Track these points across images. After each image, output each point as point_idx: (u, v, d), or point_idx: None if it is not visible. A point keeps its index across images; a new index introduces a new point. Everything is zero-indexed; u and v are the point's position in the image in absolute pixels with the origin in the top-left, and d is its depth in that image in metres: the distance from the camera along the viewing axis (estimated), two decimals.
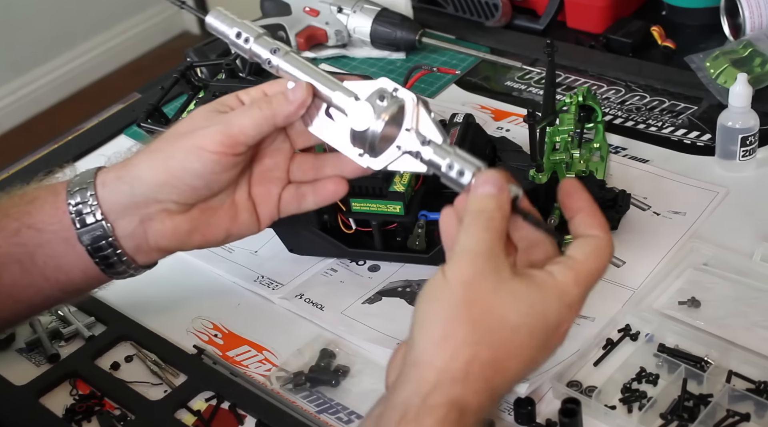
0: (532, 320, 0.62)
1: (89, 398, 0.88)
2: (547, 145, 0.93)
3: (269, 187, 0.81)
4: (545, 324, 0.63)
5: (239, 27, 0.80)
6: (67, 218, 0.77)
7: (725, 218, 0.98)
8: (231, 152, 0.75)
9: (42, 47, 3.21)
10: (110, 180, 0.78)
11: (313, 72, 0.76)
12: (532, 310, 0.62)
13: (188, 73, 1.07)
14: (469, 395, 0.60)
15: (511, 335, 0.62)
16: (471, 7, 1.37)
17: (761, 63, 1.14)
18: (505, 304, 0.62)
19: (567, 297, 0.63)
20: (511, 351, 0.62)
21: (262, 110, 0.75)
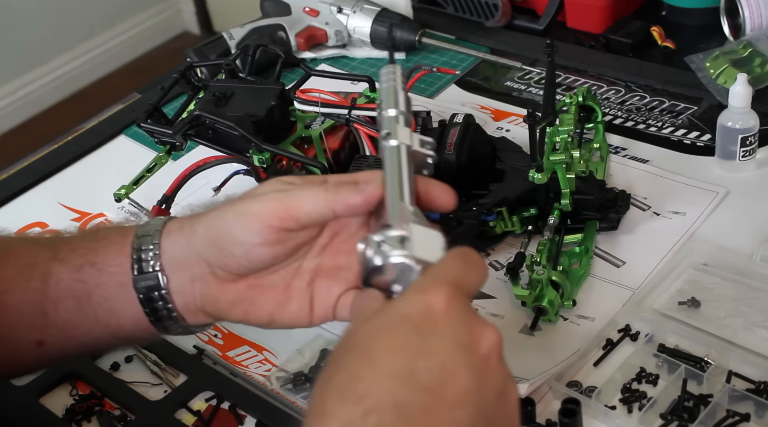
0: (376, 325, 0.57)
1: (89, 399, 0.88)
2: (547, 146, 0.93)
3: (331, 286, 0.73)
4: (396, 315, 0.57)
5: (384, 93, 0.72)
6: (128, 261, 0.73)
7: (725, 218, 0.98)
8: (277, 225, 0.68)
9: (42, 47, 3.21)
10: (174, 230, 0.73)
11: (395, 175, 0.67)
12: (374, 321, 0.57)
13: (188, 74, 1.07)
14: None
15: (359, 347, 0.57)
16: (471, 7, 1.37)
17: (761, 63, 1.14)
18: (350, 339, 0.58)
19: (411, 288, 0.58)
20: (365, 355, 0.56)
21: (326, 192, 0.69)
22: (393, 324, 0.56)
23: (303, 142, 1.00)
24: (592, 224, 0.96)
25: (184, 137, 0.98)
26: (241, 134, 0.95)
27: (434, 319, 0.56)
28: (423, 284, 0.58)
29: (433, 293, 0.57)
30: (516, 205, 0.95)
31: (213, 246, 0.71)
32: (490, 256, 0.97)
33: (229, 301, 0.73)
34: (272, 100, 0.98)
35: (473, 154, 0.96)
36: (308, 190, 0.69)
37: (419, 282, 0.59)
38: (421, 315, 0.56)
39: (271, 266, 0.71)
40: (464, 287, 0.59)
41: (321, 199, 0.68)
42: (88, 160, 1.23)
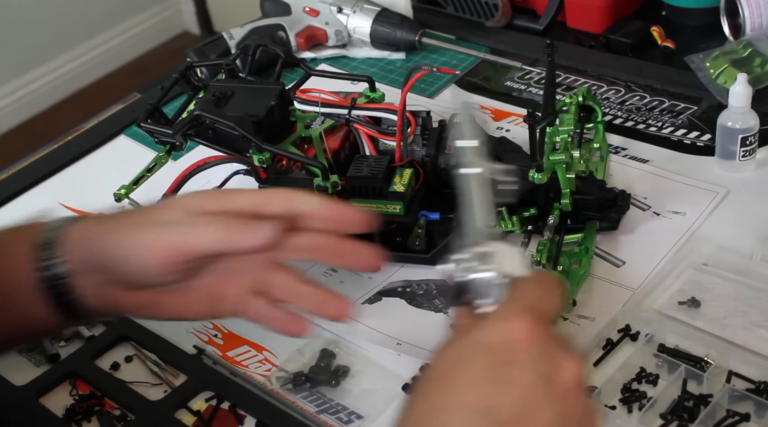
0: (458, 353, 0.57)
1: (89, 398, 0.88)
2: (547, 145, 0.93)
3: (230, 288, 0.75)
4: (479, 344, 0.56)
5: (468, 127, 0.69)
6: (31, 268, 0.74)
7: (725, 218, 0.98)
8: (173, 261, 0.71)
9: (42, 47, 3.21)
10: (78, 239, 0.74)
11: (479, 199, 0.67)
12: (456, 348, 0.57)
13: (188, 73, 1.07)
14: None
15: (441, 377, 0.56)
16: (471, 7, 1.37)
17: (761, 63, 1.14)
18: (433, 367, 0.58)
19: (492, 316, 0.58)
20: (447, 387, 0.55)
21: (226, 232, 0.71)
22: (474, 354, 0.56)
23: (303, 142, 1.00)
24: (592, 224, 0.96)
25: (184, 137, 0.98)
26: (241, 134, 0.95)
27: (515, 349, 0.55)
28: (504, 312, 0.58)
29: (514, 321, 0.56)
30: (516, 206, 0.95)
31: (112, 269, 0.72)
32: None
33: (136, 305, 0.75)
34: (272, 100, 0.98)
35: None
36: (208, 228, 0.71)
37: (500, 310, 0.59)
38: (503, 345, 0.55)
39: (172, 284, 0.73)
40: (544, 313, 0.58)
41: (220, 238, 0.70)
42: (88, 160, 1.23)
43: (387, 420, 0.82)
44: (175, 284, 0.73)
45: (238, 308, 0.75)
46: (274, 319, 0.75)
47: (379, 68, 1.32)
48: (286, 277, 0.74)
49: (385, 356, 0.88)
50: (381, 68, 1.32)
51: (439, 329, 0.90)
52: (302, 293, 0.74)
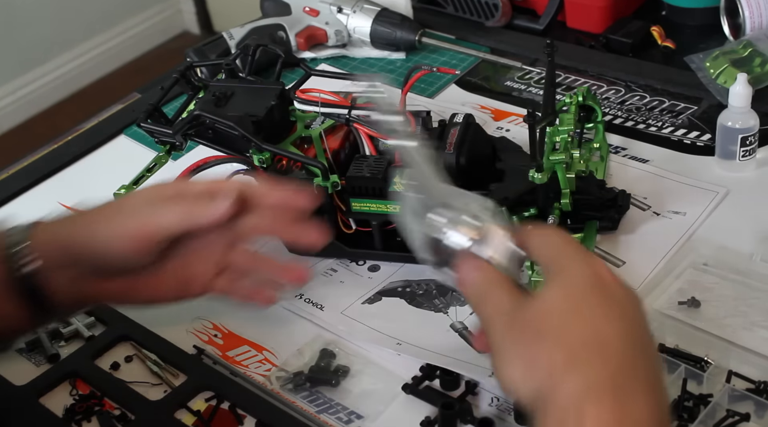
0: (566, 293, 0.62)
1: (89, 398, 0.88)
2: (547, 145, 0.93)
3: (197, 269, 0.82)
4: (580, 286, 0.62)
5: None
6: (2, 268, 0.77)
7: (725, 218, 0.98)
8: (146, 245, 0.78)
9: (42, 47, 3.21)
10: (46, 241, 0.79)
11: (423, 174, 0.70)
12: (558, 290, 0.63)
13: (188, 73, 1.07)
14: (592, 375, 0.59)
15: (568, 311, 0.62)
16: (471, 7, 1.37)
17: (761, 63, 1.14)
18: (540, 308, 0.63)
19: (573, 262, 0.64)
20: (586, 320, 0.61)
21: (188, 208, 0.79)
22: (586, 291, 0.62)
23: (303, 142, 1.00)
24: (592, 223, 0.96)
25: (184, 137, 0.98)
26: (241, 134, 0.95)
27: (611, 286, 0.63)
28: (580, 255, 0.64)
29: (593, 261, 0.64)
30: (516, 205, 0.95)
31: (90, 259, 0.78)
32: None
33: (109, 295, 0.82)
34: (272, 100, 0.98)
35: (473, 154, 0.96)
36: (169, 208, 0.79)
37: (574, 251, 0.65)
38: (601, 282, 0.63)
39: (146, 267, 0.80)
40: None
41: (181, 216, 0.78)
42: (88, 160, 1.23)
43: (387, 420, 0.82)
44: (148, 267, 0.80)
45: (206, 286, 0.83)
46: (240, 290, 0.83)
47: (379, 68, 1.32)
48: (245, 255, 0.83)
49: (385, 356, 0.88)
50: (381, 68, 1.32)
51: (439, 329, 0.90)
52: (262, 264, 0.84)
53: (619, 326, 0.61)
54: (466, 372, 0.84)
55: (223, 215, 0.78)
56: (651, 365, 0.61)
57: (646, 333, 0.63)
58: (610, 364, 0.59)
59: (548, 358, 0.60)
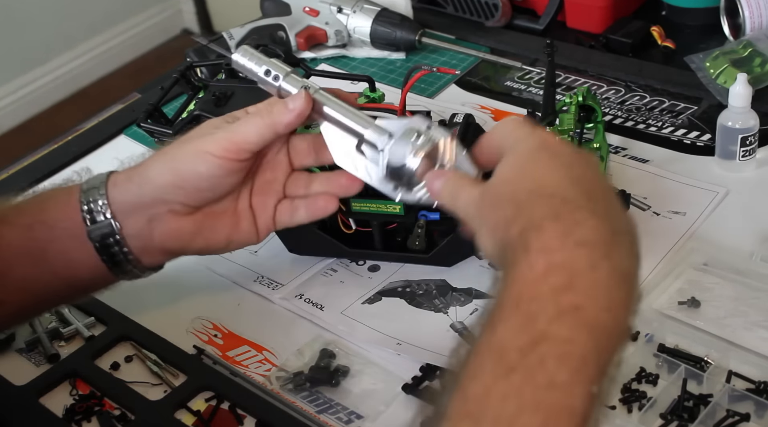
0: (518, 160, 0.67)
1: (89, 398, 0.88)
2: None
3: (267, 199, 0.86)
4: (529, 151, 0.67)
5: (267, 65, 0.82)
6: (78, 215, 0.80)
7: (725, 218, 0.98)
8: (235, 157, 0.80)
9: (42, 47, 3.21)
10: (121, 181, 0.81)
11: (344, 109, 0.81)
12: (511, 159, 0.68)
13: (188, 73, 1.07)
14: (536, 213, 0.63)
15: (519, 175, 0.66)
16: (471, 7, 1.37)
17: (761, 63, 1.14)
18: (497, 180, 0.68)
19: (520, 135, 0.69)
20: (533, 176, 0.65)
21: (263, 119, 0.80)
22: (534, 156, 0.67)
23: None
24: None
25: None
26: None
27: (556, 146, 0.68)
28: (526, 130, 0.69)
29: (540, 132, 0.69)
30: None
31: (174, 186, 0.80)
32: None
33: (191, 232, 0.83)
34: None
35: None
36: (250, 121, 0.81)
37: (520, 131, 0.69)
38: (547, 146, 0.67)
39: (228, 194, 0.83)
40: None
41: (262, 125, 0.80)
42: (88, 160, 1.23)
43: (387, 420, 0.82)
44: (226, 199, 0.83)
45: (273, 218, 0.86)
46: (300, 209, 0.86)
47: (379, 68, 1.32)
48: (300, 174, 0.87)
49: (385, 356, 0.88)
50: (381, 68, 1.32)
51: (439, 329, 0.90)
52: (315, 179, 0.86)
53: (564, 173, 0.65)
54: None
55: (302, 112, 0.80)
56: (601, 199, 0.64)
57: (595, 175, 0.66)
58: (553, 201, 0.62)
59: (503, 216, 0.64)
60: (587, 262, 0.58)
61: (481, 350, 0.57)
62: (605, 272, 0.59)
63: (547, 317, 0.56)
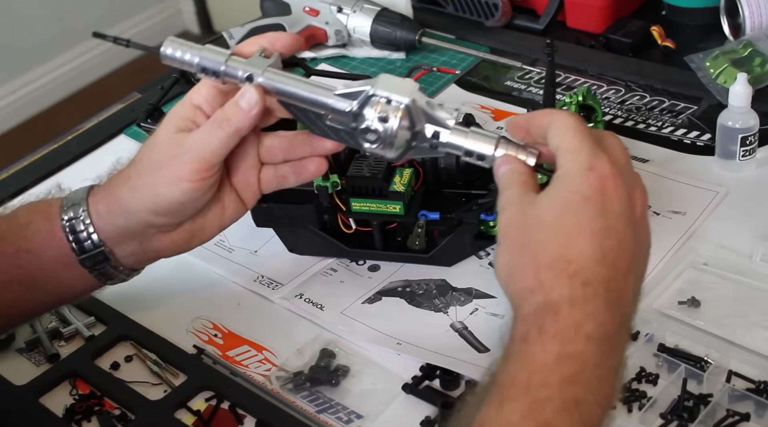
0: (561, 204, 0.64)
1: (89, 398, 0.88)
2: None
3: (246, 175, 0.82)
4: (577, 196, 0.63)
5: (201, 55, 0.77)
6: (65, 244, 0.80)
7: (725, 218, 0.98)
8: (207, 176, 0.78)
9: (42, 47, 3.21)
10: (103, 212, 0.81)
11: (301, 84, 0.76)
12: (556, 199, 0.64)
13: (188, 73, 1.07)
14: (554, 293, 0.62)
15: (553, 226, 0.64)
16: (471, 7, 1.37)
17: (761, 63, 1.14)
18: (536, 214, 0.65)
19: (578, 166, 0.64)
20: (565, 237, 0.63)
21: (224, 129, 0.77)
22: (579, 206, 0.64)
23: None
24: None
25: None
26: None
27: (609, 196, 0.64)
28: (588, 161, 0.64)
29: (599, 168, 0.64)
30: None
31: (158, 216, 0.79)
32: (489, 256, 0.97)
33: (185, 240, 0.83)
34: None
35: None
36: (211, 135, 0.77)
37: (582, 158, 0.64)
38: (599, 194, 0.64)
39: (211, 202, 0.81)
40: (614, 155, 0.66)
41: (225, 137, 0.77)
42: (88, 160, 1.23)
43: (387, 420, 0.82)
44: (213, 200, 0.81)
45: (257, 189, 0.83)
46: (289, 176, 0.83)
47: (379, 68, 1.32)
48: (275, 141, 0.82)
49: (385, 355, 0.88)
50: (381, 68, 1.32)
51: (439, 329, 0.90)
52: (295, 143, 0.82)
53: (596, 245, 0.63)
54: (466, 372, 0.84)
55: (259, 111, 0.76)
56: (621, 278, 0.63)
57: (628, 243, 0.64)
58: (573, 282, 0.62)
59: (523, 273, 0.64)
60: (594, 359, 0.61)
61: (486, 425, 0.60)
62: (605, 370, 0.62)
63: (553, 407, 0.59)
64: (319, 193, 0.94)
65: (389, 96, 0.72)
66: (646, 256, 0.68)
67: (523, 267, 0.64)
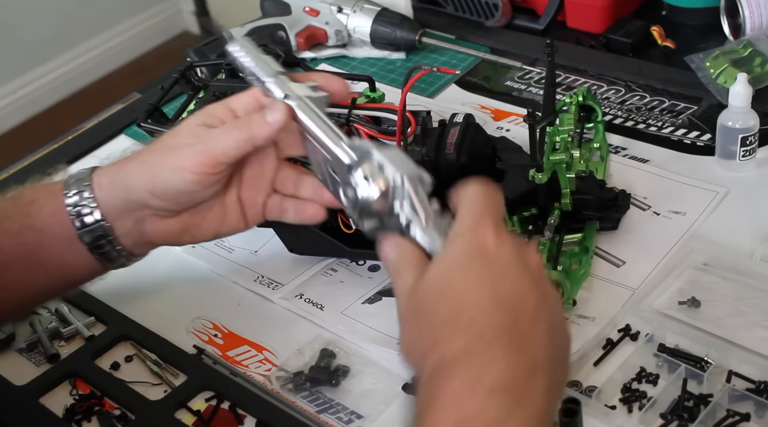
0: (447, 267, 0.64)
1: (89, 398, 0.88)
2: (547, 145, 0.93)
3: (255, 194, 0.84)
4: (462, 255, 0.63)
5: (258, 62, 0.81)
6: (67, 219, 0.80)
7: (725, 218, 0.98)
8: (212, 171, 0.78)
9: (42, 47, 3.21)
10: (106, 184, 0.81)
11: (321, 123, 0.77)
12: (443, 263, 0.64)
13: (188, 73, 1.07)
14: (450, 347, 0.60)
15: (443, 289, 0.63)
16: (471, 7, 1.37)
17: (761, 63, 1.14)
18: (426, 286, 0.64)
19: (463, 227, 0.65)
20: (455, 294, 0.62)
21: (241, 133, 0.78)
22: (464, 263, 0.63)
23: None
24: (592, 223, 0.96)
25: None
26: None
27: (492, 251, 0.64)
28: (469, 224, 0.65)
29: (481, 230, 0.64)
30: (516, 205, 0.95)
31: (155, 197, 0.79)
32: None
33: (177, 231, 0.83)
34: None
35: (473, 154, 0.96)
36: (227, 134, 0.78)
37: (464, 223, 0.65)
38: (482, 251, 0.64)
39: (210, 198, 0.81)
40: (497, 216, 0.66)
41: (240, 139, 0.78)
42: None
43: (387, 420, 0.82)
44: (211, 199, 0.81)
45: (261, 212, 0.84)
46: (290, 211, 0.84)
47: (379, 68, 1.32)
48: (290, 172, 0.84)
49: (385, 356, 0.88)
50: (381, 68, 1.32)
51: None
52: (304, 181, 0.83)
53: (489, 292, 0.62)
54: None
55: (279, 125, 0.77)
56: (524, 320, 0.61)
57: (525, 287, 0.63)
58: (469, 332, 0.60)
59: (420, 339, 0.63)
60: (498, 414, 0.57)
61: None
62: (517, 423, 0.58)
63: None
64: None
65: (384, 163, 0.70)
66: (559, 305, 0.66)
67: (421, 336, 0.63)
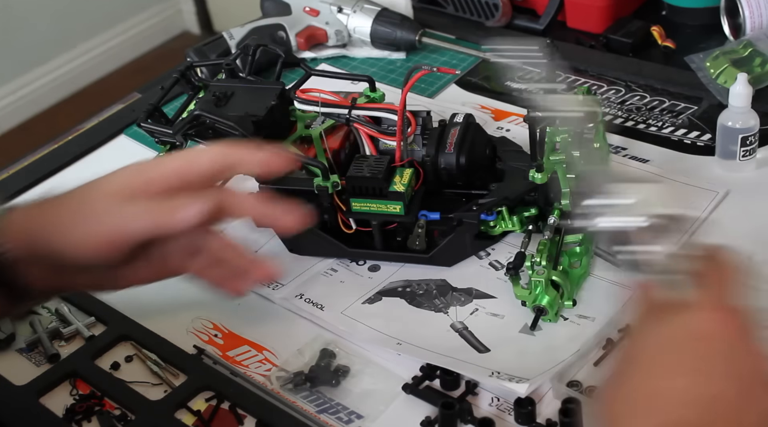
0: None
1: (89, 398, 0.88)
2: (547, 145, 0.93)
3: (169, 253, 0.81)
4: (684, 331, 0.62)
5: None
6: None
7: (725, 218, 0.98)
8: (117, 250, 0.76)
9: (42, 47, 3.21)
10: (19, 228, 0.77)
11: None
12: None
13: (188, 73, 1.07)
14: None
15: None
16: (471, 7, 1.37)
17: (761, 63, 1.14)
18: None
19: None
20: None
21: (153, 220, 0.75)
22: (681, 343, 0.61)
23: (303, 142, 1.00)
24: None
25: (185, 137, 0.98)
26: (241, 134, 0.95)
27: (716, 342, 0.61)
28: (705, 302, 0.63)
29: (715, 313, 0.62)
30: (516, 205, 0.95)
31: (55, 259, 0.76)
32: (490, 256, 0.97)
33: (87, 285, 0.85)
34: (272, 100, 0.98)
35: (473, 154, 0.96)
36: (136, 218, 0.75)
37: (701, 299, 0.63)
38: (707, 337, 0.61)
39: (117, 266, 0.79)
40: (736, 303, 0.64)
41: (149, 226, 0.75)
42: (88, 160, 1.23)
43: (387, 420, 0.82)
44: (120, 265, 0.78)
45: (180, 267, 0.82)
46: (212, 276, 0.82)
47: (379, 68, 1.32)
48: (219, 241, 0.81)
49: (385, 356, 0.88)
50: (381, 68, 1.32)
51: (439, 329, 0.90)
52: (233, 254, 0.81)
53: (691, 379, 0.60)
54: (466, 372, 0.84)
55: (195, 221, 0.75)
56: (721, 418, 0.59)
57: (730, 388, 0.59)
58: (659, 417, 0.59)
59: (616, 406, 0.61)
60: None
61: None
62: None
63: None
64: (319, 193, 0.94)
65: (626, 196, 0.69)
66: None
67: (620, 398, 0.62)
